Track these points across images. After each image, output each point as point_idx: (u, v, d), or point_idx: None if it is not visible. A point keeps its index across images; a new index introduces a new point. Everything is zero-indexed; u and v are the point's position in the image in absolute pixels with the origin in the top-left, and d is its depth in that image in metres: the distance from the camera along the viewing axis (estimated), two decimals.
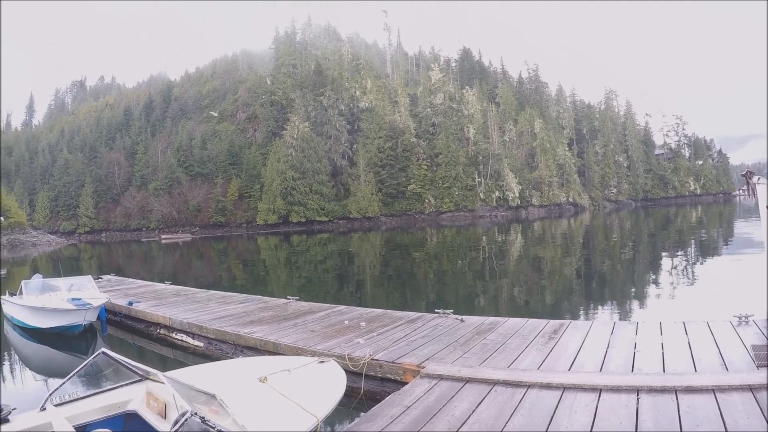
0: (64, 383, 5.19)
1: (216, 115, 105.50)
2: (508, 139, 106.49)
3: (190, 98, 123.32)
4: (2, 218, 43.12)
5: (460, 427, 4.87)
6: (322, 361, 6.42)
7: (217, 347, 10.37)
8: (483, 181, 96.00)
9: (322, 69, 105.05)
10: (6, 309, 14.83)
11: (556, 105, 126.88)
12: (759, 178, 11.79)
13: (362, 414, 5.72)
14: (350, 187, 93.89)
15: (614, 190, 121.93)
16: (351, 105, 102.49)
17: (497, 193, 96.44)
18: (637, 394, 5.27)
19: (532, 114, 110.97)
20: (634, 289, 16.49)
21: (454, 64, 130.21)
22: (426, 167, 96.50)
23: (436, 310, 10.21)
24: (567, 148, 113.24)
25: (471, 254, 31.92)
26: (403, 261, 30.47)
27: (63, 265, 36.39)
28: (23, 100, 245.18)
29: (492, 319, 9.57)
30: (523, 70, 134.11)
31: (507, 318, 9.54)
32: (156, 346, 11.97)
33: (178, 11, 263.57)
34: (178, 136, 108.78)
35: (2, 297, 15.09)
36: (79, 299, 12.87)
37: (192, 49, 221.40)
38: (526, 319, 9.31)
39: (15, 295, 14.18)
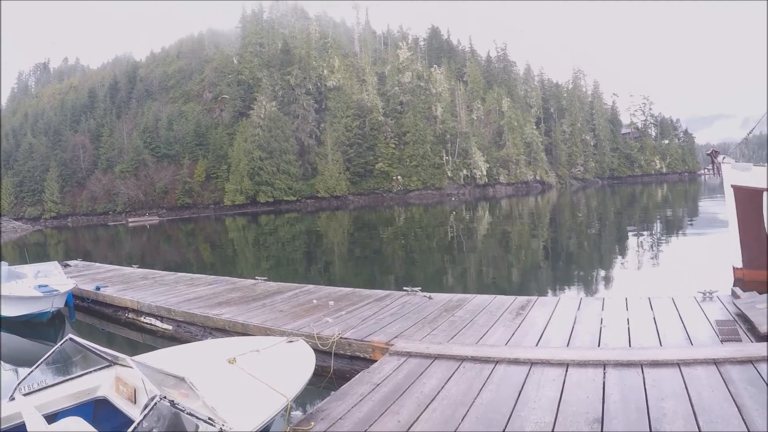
0: (32, 371, 5.23)
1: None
2: (475, 118, 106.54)
3: (156, 78, 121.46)
4: None
5: (430, 403, 4.98)
6: (291, 341, 6.45)
7: (186, 330, 10.41)
8: (451, 159, 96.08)
9: (289, 48, 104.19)
10: None
11: (524, 84, 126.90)
12: (723, 157, 12.28)
13: (332, 392, 5.77)
14: (318, 167, 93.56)
15: (581, 169, 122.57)
16: (318, 84, 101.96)
17: (465, 171, 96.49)
18: (604, 369, 5.38)
19: (500, 93, 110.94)
20: (600, 266, 16.70)
21: (422, 43, 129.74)
22: (394, 146, 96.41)
23: (404, 288, 10.33)
24: (534, 127, 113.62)
25: (439, 232, 32.14)
26: (372, 239, 30.66)
27: (29, 252, 35.88)
28: None
29: (460, 296, 9.76)
30: (491, 49, 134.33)
31: (475, 295, 9.72)
32: (125, 330, 11.96)
33: None
34: (144, 117, 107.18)
35: None
36: (46, 286, 12.77)
37: (157, 29, 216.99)
38: (494, 295, 9.52)
39: None
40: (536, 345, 6.48)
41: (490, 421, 4.46)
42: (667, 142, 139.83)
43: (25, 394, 5.03)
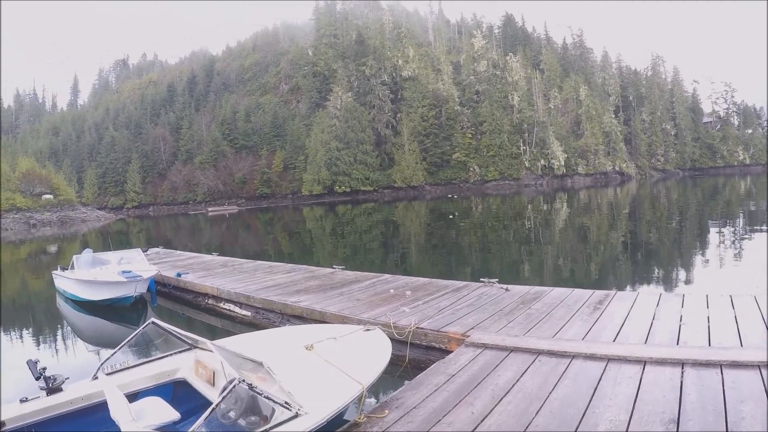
0: (115, 353, 5.37)
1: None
2: (553, 107, 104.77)
3: (233, 72, 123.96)
4: None
5: (504, 396, 4.93)
6: (368, 329, 6.49)
7: (264, 316, 10.53)
8: (528, 149, 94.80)
9: (363, 38, 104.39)
10: (58, 283, 15.15)
11: (602, 71, 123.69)
12: None
13: (407, 382, 5.77)
14: (395, 157, 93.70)
15: (661, 159, 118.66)
16: (394, 74, 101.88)
17: (542, 162, 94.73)
18: (682, 368, 5.22)
19: (578, 81, 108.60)
20: (680, 261, 16.10)
21: (496, 31, 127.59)
22: (470, 135, 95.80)
23: (481, 279, 10.19)
24: (613, 116, 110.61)
25: (516, 223, 31.68)
26: (448, 230, 30.37)
27: (112, 240, 37.32)
28: (68, 82, 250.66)
29: (537, 288, 9.56)
30: (567, 35, 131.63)
31: (552, 288, 9.51)
32: (204, 315, 12.17)
33: None
34: (222, 109, 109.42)
35: (54, 272, 15.42)
36: (130, 272, 13.15)
37: (232, 24, 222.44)
38: (572, 289, 9.30)
39: (67, 269, 14.41)
40: (613, 341, 6.35)
41: (564, 416, 4.40)
42: (750, 131, 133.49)
43: (107, 374, 5.25)
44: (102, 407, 4.74)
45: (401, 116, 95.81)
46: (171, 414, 4.66)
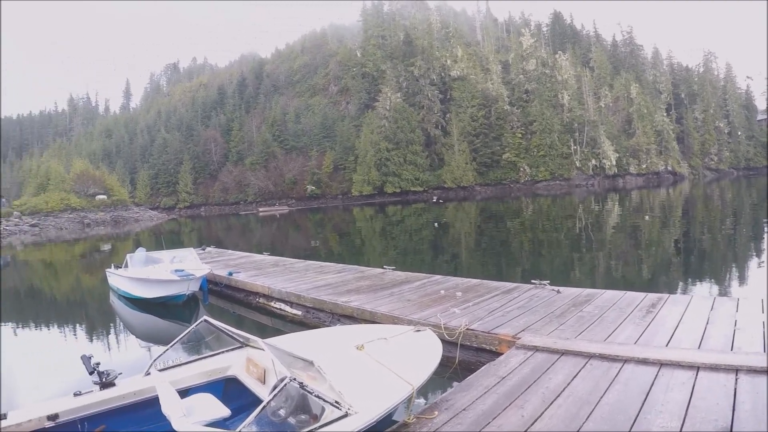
0: (167, 350, 5.43)
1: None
2: (603, 105, 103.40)
3: (282, 74, 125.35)
4: (3, 200, 44.10)
5: (555, 399, 4.89)
6: (418, 330, 6.42)
7: (315, 316, 10.58)
8: (579, 148, 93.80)
9: (411, 39, 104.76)
10: (112, 281, 15.46)
11: (653, 68, 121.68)
12: None
13: (456, 383, 5.76)
14: (444, 157, 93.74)
15: (715, 158, 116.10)
16: (442, 74, 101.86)
17: (593, 161, 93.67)
18: (736, 374, 5.07)
19: (628, 78, 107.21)
20: (735, 264, 15.71)
21: (545, 29, 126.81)
22: (520, 135, 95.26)
23: (532, 281, 10.13)
24: (665, 114, 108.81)
25: (567, 224, 31.47)
26: (498, 231, 30.31)
27: (164, 239, 37.79)
28: (120, 86, 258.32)
29: (589, 290, 9.44)
30: (616, 32, 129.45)
31: (604, 290, 9.38)
32: (255, 314, 12.26)
33: None
34: (272, 111, 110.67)
35: (108, 270, 15.76)
36: (183, 270, 13.29)
37: (280, 27, 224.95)
38: (624, 291, 9.15)
39: (120, 267, 14.72)
40: (666, 345, 6.22)
41: (615, 422, 4.34)
42: None
43: (160, 370, 5.33)
44: (153, 402, 4.83)
45: (450, 116, 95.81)
46: (221, 410, 4.71)
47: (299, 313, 11.08)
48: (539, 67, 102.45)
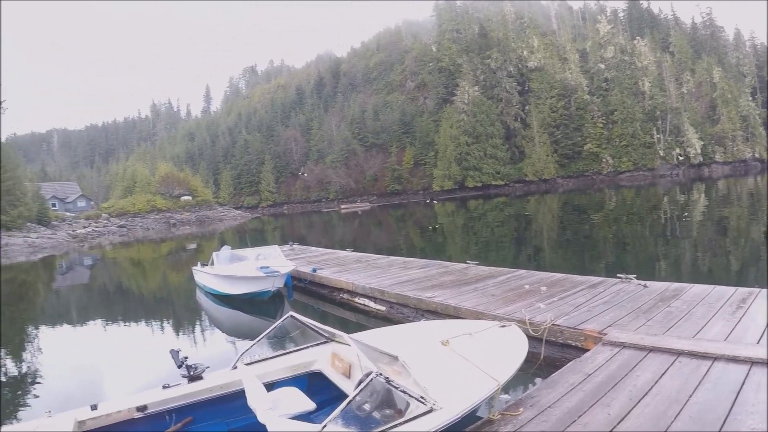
0: (253, 345, 5.61)
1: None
2: (685, 91, 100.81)
3: (359, 72, 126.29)
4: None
5: (642, 397, 4.78)
6: (503, 326, 6.37)
7: (399, 311, 10.68)
8: (662, 137, 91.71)
9: (486, 31, 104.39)
10: (198, 278, 15.99)
11: (735, 51, 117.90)
12: None
13: (541, 380, 5.80)
14: (525, 150, 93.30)
15: None
16: (519, 65, 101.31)
17: (678, 150, 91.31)
18: None
19: (710, 62, 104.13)
20: None
21: (621, 15, 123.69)
22: (601, 125, 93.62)
23: (618, 275, 9.95)
24: (750, 98, 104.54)
25: (651, 216, 30.88)
26: (582, 224, 29.99)
27: (249, 237, 38.95)
28: (200, 91, 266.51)
29: (676, 285, 9.19)
30: (695, 14, 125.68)
31: (692, 284, 9.09)
32: (339, 310, 12.42)
33: None
34: (350, 109, 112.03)
35: (194, 267, 16.31)
36: (268, 267, 13.62)
37: (354, 26, 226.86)
38: (713, 286, 8.85)
39: (206, 265, 15.17)
40: (757, 342, 5.93)
41: (703, 422, 4.22)
42: None
43: (246, 364, 5.53)
44: (239, 395, 4.99)
45: (530, 108, 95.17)
46: (307, 404, 4.84)
47: (383, 308, 11.22)
48: (618, 54, 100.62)
